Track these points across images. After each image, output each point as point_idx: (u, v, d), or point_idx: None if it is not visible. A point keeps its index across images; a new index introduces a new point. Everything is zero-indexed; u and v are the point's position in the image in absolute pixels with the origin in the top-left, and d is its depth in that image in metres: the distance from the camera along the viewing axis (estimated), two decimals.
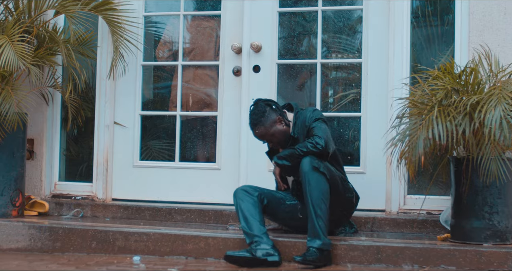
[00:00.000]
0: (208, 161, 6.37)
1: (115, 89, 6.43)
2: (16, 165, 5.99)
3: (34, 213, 6.23)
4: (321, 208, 4.83)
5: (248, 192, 5.14)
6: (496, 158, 4.61)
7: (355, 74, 6.13)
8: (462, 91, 4.83)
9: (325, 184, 4.89)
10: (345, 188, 5.17)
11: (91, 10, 6.06)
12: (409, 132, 4.79)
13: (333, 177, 4.99)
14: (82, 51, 6.35)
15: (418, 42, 5.88)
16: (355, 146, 5.97)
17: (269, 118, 5.16)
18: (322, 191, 4.86)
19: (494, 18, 5.47)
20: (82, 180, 6.55)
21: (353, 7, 6.17)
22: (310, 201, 4.84)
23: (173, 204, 6.15)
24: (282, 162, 5.08)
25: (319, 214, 4.82)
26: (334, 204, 4.97)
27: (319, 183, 4.86)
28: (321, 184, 4.86)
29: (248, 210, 5.04)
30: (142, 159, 6.46)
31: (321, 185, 4.86)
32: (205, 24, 6.61)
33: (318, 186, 4.85)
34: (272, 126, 5.16)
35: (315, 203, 4.83)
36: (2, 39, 5.56)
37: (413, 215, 5.56)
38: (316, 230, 4.80)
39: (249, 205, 5.07)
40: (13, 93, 5.70)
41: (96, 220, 6.07)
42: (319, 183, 4.86)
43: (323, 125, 5.11)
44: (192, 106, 6.48)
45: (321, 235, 4.80)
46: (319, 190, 4.84)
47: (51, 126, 6.54)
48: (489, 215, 4.78)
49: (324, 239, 4.80)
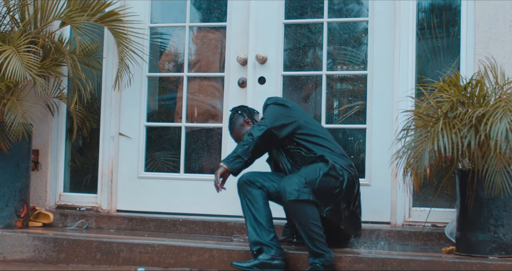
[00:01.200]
0: (213, 172, 6.33)
1: (120, 100, 6.43)
2: (21, 175, 5.98)
3: (38, 224, 6.23)
4: (313, 230, 4.80)
5: (254, 183, 5.16)
6: (502, 170, 4.60)
7: (360, 86, 6.13)
8: (468, 104, 4.83)
9: (311, 208, 4.81)
10: (338, 181, 5.00)
11: (97, 21, 6.07)
12: (414, 145, 4.78)
13: (320, 189, 4.89)
14: (88, 62, 6.36)
15: (424, 54, 5.88)
16: (360, 158, 5.96)
17: (237, 122, 5.36)
18: (308, 217, 4.80)
19: (499, 31, 5.47)
20: (87, 191, 6.55)
21: (359, 19, 6.17)
22: (300, 228, 4.84)
23: (178, 216, 6.14)
24: (233, 166, 5.04)
25: (313, 237, 4.80)
26: (331, 202, 4.97)
27: (303, 211, 4.79)
28: (306, 211, 4.79)
29: (256, 210, 5.09)
30: (147, 170, 6.45)
31: (306, 212, 4.80)
32: (211, 36, 6.62)
33: (303, 214, 4.80)
34: (240, 129, 5.34)
35: (306, 229, 4.80)
36: (9, 50, 5.57)
37: (418, 228, 5.55)
38: (315, 251, 4.81)
39: (258, 205, 5.10)
40: (18, 104, 5.70)
41: (101, 231, 6.06)
42: (303, 211, 4.79)
43: (272, 108, 5.14)
44: (197, 117, 6.48)
45: (322, 253, 4.81)
46: (305, 218, 4.79)
47: (56, 137, 6.54)
48: (495, 227, 4.76)
49: (326, 254, 4.82)
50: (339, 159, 5.08)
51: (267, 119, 5.05)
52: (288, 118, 5.09)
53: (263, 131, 4.99)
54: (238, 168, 5.04)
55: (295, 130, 5.08)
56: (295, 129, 5.08)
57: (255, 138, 4.98)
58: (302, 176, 4.86)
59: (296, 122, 5.09)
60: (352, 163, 5.16)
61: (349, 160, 5.18)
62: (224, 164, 5.03)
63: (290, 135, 5.08)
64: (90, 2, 6.08)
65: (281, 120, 5.06)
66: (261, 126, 5.01)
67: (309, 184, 4.83)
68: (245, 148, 4.99)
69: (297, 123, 5.09)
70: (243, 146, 5.00)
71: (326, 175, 4.92)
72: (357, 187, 5.12)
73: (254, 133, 4.99)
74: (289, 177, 4.90)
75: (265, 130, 4.99)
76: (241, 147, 5.01)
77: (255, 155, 5.15)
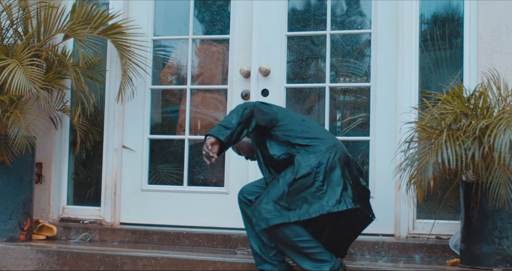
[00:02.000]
0: (217, 185, 6.36)
1: (123, 113, 6.44)
2: (25, 188, 5.98)
3: (42, 237, 6.22)
4: (303, 247, 4.67)
5: (250, 201, 5.05)
6: (506, 182, 4.59)
7: (363, 98, 6.13)
8: (471, 116, 4.82)
9: (288, 228, 4.65)
10: (312, 176, 4.73)
11: (100, 34, 6.09)
12: (418, 157, 4.77)
13: (296, 195, 4.70)
14: (91, 75, 6.38)
15: (427, 66, 5.88)
16: (364, 170, 5.95)
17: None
18: (290, 237, 4.67)
19: (502, 42, 5.47)
20: (90, 203, 6.55)
21: (362, 31, 6.17)
22: (288, 252, 4.75)
23: (181, 228, 6.13)
24: (217, 135, 4.64)
25: (306, 252, 4.69)
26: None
27: (282, 235, 4.69)
28: (284, 233, 4.67)
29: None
30: (150, 183, 6.45)
31: (285, 234, 4.67)
32: (214, 48, 6.63)
33: (283, 237, 4.69)
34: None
35: (294, 250, 4.70)
36: (13, 64, 5.58)
37: (422, 240, 5.53)
38: (317, 263, 4.70)
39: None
40: (22, 117, 5.70)
41: (104, 244, 6.05)
42: (282, 235, 4.68)
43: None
44: (201, 130, 6.48)
45: (325, 259, 4.70)
46: (287, 240, 4.68)
47: (60, 150, 6.54)
48: (499, 239, 4.75)
49: (331, 261, 4.72)
50: (320, 148, 4.84)
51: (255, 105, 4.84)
52: (268, 109, 4.92)
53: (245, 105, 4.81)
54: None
55: (273, 121, 4.88)
56: (273, 120, 4.88)
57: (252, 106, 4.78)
58: (270, 195, 4.72)
59: (275, 114, 4.92)
60: (335, 143, 4.92)
61: (332, 140, 4.93)
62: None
63: (268, 125, 4.87)
64: (93, 15, 6.10)
65: (263, 110, 4.87)
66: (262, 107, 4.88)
67: (278, 201, 4.68)
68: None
69: (276, 115, 4.91)
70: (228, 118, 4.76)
71: (295, 181, 4.71)
72: (342, 164, 4.80)
73: (250, 105, 4.80)
74: (258, 202, 4.76)
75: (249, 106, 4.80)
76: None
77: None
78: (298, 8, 6.31)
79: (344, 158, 4.83)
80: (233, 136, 4.64)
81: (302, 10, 6.31)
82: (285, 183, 4.70)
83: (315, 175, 4.69)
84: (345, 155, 4.85)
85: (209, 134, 4.60)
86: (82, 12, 6.07)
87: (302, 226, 4.69)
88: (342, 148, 4.91)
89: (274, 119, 4.89)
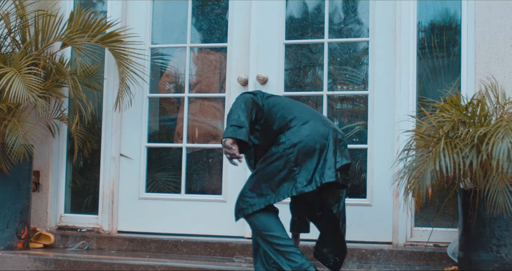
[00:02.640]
0: (214, 193, 6.35)
1: (121, 121, 6.44)
2: (22, 197, 5.97)
3: (39, 245, 6.21)
4: (272, 242, 4.63)
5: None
6: (504, 190, 4.58)
7: (361, 106, 6.13)
8: (469, 123, 4.82)
9: (257, 219, 4.65)
10: (284, 159, 4.65)
11: (98, 42, 6.09)
12: (416, 165, 4.77)
13: (270, 179, 4.65)
14: (89, 83, 6.38)
15: (424, 73, 5.89)
16: (362, 178, 5.95)
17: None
18: (258, 229, 4.67)
19: (500, 50, 5.48)
20: (88, 212, 6.54)
21: (359, 39, 6.18)
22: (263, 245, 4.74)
23: (179, 236, 6.13)
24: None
25: (277, 249, 4.64)
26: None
27: (252, 226, 4.71)
28: (254, 224, 4.69)
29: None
30: (148, 191, 6.45)
31: (254, 225, 4.69)
32: (211, 56, 6.63)
33: (253, 229, 4.72)
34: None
35: (265, 244, 4.68)
36: (11, 72, 5.58)
37: (420, 247, 5.53)
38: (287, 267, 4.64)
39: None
40: (19, 125, 5.70)
41: (102, 252, 6.04)
42: (252, 225, 4.71)
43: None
44: (198, 138, 6.48)
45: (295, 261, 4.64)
46: (257, 231, 4.70)
47: (57, 158, 6.54)
48: (497, 247, 4.74)
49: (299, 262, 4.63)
50: (294, 129, 4.73)
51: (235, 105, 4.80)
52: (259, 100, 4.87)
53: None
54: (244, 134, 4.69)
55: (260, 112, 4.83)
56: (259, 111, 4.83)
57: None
58: (244, 188, 4.75)
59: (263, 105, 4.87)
60: (311, 119, 4.75)
61: (309, 117, 4.76)
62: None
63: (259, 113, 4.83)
64: (91, 23, 6.11)
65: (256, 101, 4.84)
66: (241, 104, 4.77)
67: (252, 190, 4.68)
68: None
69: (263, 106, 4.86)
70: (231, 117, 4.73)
71: (268, 165, 4.67)
72: (320, 142, 4.65)
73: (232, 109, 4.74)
74: (238, 194, 4.81)
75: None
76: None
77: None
78: (296, 16, 6.32)
79: (323, 134, 4.68)
80: (248, 132, 4.65)
81: (299, 19, 6.31)
82: (259, 169, 4.71)
83: (287, 157, 4.63)
84: (324, 131, 4.69)
85: (228, 136, 4.57)
86: (80, 20, 6.07)
87: (276, 219, 4.69)
88: (323, 125, 4.75)
89: (260, 110, 4.86)
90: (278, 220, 4.72)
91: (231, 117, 4.67)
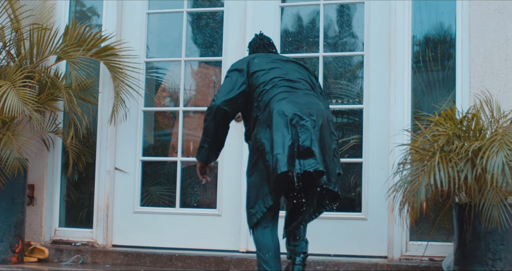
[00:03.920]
0: (209, 207, 6.34)
1: (116, 134, 6.43)
2: (16, 210, 5.96)
3: (33, 259, 6.19)
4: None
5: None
6: (499, 204, 4.58)
7: (356, 120, 6.13)
8: (464, 137, 4.83)
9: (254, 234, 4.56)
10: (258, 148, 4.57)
11: (93, 55, 6.09)
12: (411, 179, 4.77)
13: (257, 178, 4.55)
14: (84, 96, 6.37)
15: (419, 87, 5.89)
16: (357, 192, 5.95)
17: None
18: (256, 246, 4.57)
19: (495, 64, 5.49)
20: (83, 225, 6.52)
21: (354, 53, 6.18)
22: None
23: (174, 250, 6.11)
24: (200, 157, 4.80)
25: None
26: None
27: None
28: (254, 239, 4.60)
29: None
30: (142, 205, 6.43)
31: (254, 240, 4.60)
32: (207, 70, 6.63)
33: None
34: None
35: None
36: (5, 85, 5.58)
37: (416, 262, 5.52)
38: None
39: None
40: (14, 138, 5.69)
41: (96, 266, 6.02)
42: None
43: (224, 80, 4.79)
44: (193, 152, 6.47)
45: None
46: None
47: (52, 172, 6.52)
48: (492, 261, 4.73)
49: None
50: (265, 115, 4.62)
51: (218, 93, 4.69)
52: (236, 84, 4.70)
53: (209, 111, 4.70)
54: (205, 157, 4.78)
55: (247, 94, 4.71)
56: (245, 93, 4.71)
57: (205, 121, 4.72)
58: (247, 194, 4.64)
59: (243, 85, 4.70)
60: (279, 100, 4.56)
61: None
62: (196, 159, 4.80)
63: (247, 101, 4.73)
64: (86, 37, 6.11)
65: (232, 91, 4.69)
66: (210, 104, 4.69)
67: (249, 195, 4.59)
68: (202, 136, 4.76)
69: (245, 86, 4.70)
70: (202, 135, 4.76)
71: (254, 164, 4.59)
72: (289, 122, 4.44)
73: (219, 97, 4.65)
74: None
75: (211, 109, 4.69)
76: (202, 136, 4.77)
77: (221, 136, 4.86)
78: (291, 30, 6.33)
79: (299, 110, 4.45)
80: (211, 150, 4.76)
81: (294, 32, 6.32)
82: (247, 172, 4.67)
83: (262, 148, 4.53)
84: (299, 110, 4.45)
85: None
86: (75, 34, 6.07)
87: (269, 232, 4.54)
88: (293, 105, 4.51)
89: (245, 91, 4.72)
90: (272, 236, 4.55)
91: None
